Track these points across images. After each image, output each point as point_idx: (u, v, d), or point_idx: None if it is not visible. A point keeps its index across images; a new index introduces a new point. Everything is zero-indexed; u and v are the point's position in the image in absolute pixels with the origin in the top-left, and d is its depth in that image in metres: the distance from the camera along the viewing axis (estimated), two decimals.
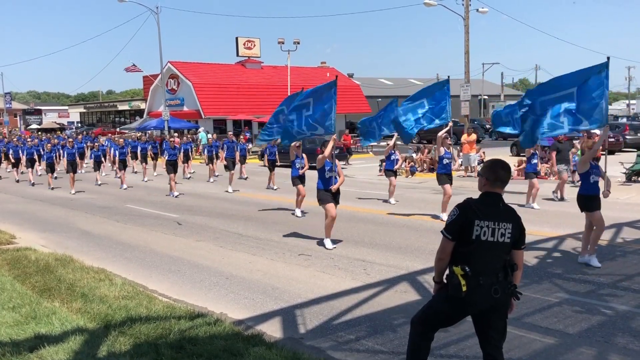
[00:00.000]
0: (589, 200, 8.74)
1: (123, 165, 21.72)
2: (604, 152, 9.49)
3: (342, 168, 20.00)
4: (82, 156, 27.35)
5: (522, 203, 14.27)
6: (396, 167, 16.62)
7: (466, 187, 18.42)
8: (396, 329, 6.36)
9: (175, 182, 18.91)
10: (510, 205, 4.28)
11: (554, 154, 17.21)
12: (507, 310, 4.22)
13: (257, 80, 48.90)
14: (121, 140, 25.51)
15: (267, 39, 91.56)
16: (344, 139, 31.68)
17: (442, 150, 13.10)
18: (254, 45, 50.78)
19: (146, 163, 24.80)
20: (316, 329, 6.47)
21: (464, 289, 3.99)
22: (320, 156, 10.45)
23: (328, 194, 10.34)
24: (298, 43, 38.41)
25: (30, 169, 24.06)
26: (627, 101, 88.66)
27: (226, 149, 21.06)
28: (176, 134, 33.95)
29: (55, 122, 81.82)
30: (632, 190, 17.20)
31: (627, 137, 32.05)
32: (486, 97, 74.33)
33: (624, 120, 43.76)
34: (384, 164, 23.18)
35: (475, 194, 4.31)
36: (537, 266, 8.85)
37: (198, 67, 48.67)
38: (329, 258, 9.76)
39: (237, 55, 50.51)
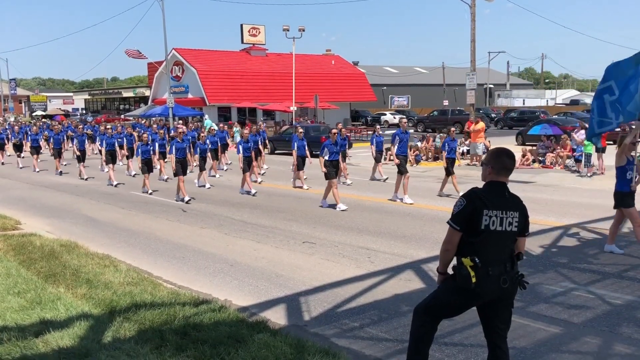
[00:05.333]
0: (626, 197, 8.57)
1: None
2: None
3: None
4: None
5: (528, 191, 14.22)
6: None
7: (471, 176, 18.38)
8: (400, 317, 6.36)
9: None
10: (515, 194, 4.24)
11: None
12: (513, 299, 4.20)
13: (261, 68, 48.75)
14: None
15: (272, 26, 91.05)
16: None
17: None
18: (259, 33, 50.57)
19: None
20: (320, 316, 6.48)
21: (474, 280, 3.94)
22: (619, 150, 8.60)
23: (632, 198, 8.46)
24: (303, 30, 38.09)
25: (111, 165, 18.91)
26: None
27: (398, 141, 14.67)
28: (181, 121, 33.82)
29: (60, 108, 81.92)
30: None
31: (633, 127, 31.82)
32: (492, 85, 73.97)
33: None
34: (389, 153, 23.12)
35: (480, 183, 4.28)
36: (542, 255, 8.83)
37: (203, 54, 48.53)
38: (333, 246, 9.76)
39: (242, 42, 50.33)
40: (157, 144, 18.39)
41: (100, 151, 21.45)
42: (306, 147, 17.09)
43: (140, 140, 18.01)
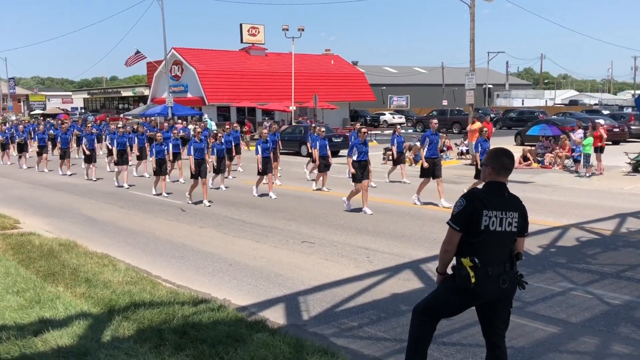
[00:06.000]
0: None
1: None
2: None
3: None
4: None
5: (527, 192, 14.22)
6: None
7: (470, 176, 18.37)
8: (399, 316, 6.37)
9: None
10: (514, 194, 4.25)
11: None
12: (512, 299, 4.21)
13: (261, 67, 48.72)
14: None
15: (271, 26, 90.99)
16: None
17: None
18: (258, 32, 50.53)
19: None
20: (319, 315, 6.49)
21: (473, 280, 3.95)
22: None
23: None
24: (302, 30, 38.11)
25: (122, 166, 18.22)
26: (632, 91, 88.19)
27: (428, 143, 13.65)
28: (180, 121, 33.71)
29: (59, 107, 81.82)
30: (637, 180, 17.14)
31: (632, 127, 31.94)
32: (491, 86, 74.02)
33: (629, 110, 43.55)
34: (388, 152, 23.14)
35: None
36: (540, 255, 8.85)
37: (202, 54, 48.48)
38: (332, 246, 9.77)
39: (241, 41, 50.29)
40: (170, 144, 17.40)
41: (110, 150, 20.58)
42: (327, 147, 16.47)
43: (154, 140, 17.09)
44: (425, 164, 13.41)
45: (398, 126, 19.71)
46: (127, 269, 8.07)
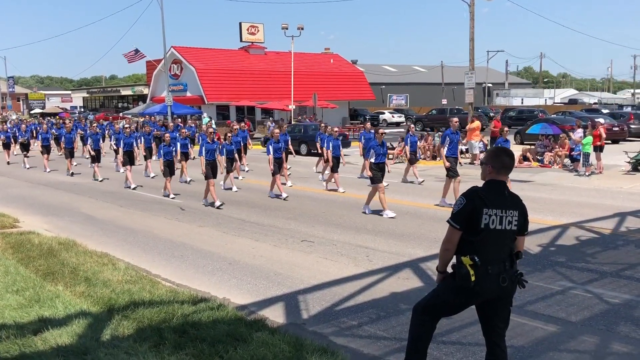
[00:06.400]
0: None
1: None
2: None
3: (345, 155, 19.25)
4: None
5: (526, 190, 14.23)
6: None
7: (469, 175, 18.37)
8: (399, 315, 6.37)
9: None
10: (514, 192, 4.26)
11: None
12: (512, 298, 4.21)
13: (260, 66, 48.71)
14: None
15: (270, 25, 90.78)
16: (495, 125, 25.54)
17: None
18: (258, 31, 50.52)
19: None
20: (319, 314, 6.49)
21: (473, 279, 3.95)
22: None
23: None
24: (302, 29, 38.14)
25: (128, 167, 17.63)
26: (632, 90, 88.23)
27: (449, 142, 13.46)
28: (179, 119, 33.67)
29: (58, 106, 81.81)
30: (637, 179, 17.14)
31: (632, 126, 31.96)
32: (490, 84, 74.02)
33: (629, 109, 43.55)
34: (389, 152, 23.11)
35: (479, 182, 4.29)
36: (540, 254, 8.85)
37: (201, 53, 48.48)
38: (331, 244, 9.77)
39: (241, 40, 50.29)
40: (178, 144, 17.31)
41: (115, 150, 20.42)
42: (341, 147, 16.31)
43: (162, 141, 16.57)
44: (447, 163, 13.28)
45: (412, 126, 19.64)
46: (127, 267, 8.07)
